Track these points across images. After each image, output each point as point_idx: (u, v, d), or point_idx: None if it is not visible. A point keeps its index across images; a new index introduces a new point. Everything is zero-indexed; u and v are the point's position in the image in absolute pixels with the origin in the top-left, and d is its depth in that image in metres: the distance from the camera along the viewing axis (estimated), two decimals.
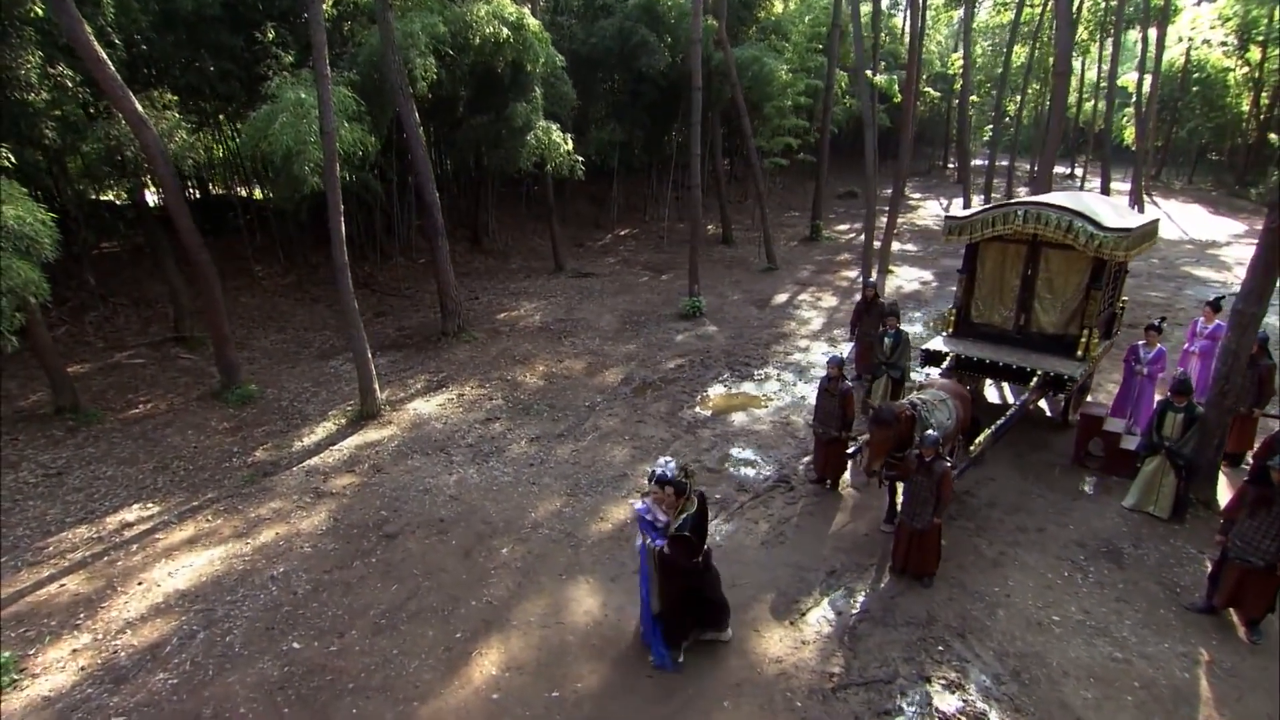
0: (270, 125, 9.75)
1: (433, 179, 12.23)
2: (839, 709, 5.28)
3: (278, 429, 9.82)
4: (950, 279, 18.33)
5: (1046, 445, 9.09)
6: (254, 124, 10.23)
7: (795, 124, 20.24)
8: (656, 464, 5.53)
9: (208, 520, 7.72)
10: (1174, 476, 7.35)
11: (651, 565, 5.52)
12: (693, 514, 5.40)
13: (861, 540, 7.36)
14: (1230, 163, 35.85)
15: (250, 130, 10.17)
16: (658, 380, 11.81)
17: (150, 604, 6.41)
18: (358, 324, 9.65)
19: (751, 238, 23.36)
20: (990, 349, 9.20)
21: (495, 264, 19.10)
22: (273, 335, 13.43)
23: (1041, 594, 6.47)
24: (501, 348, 12.97)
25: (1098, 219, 8.14)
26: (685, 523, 5.35)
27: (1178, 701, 5.38)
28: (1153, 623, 6.14)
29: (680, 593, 5.59)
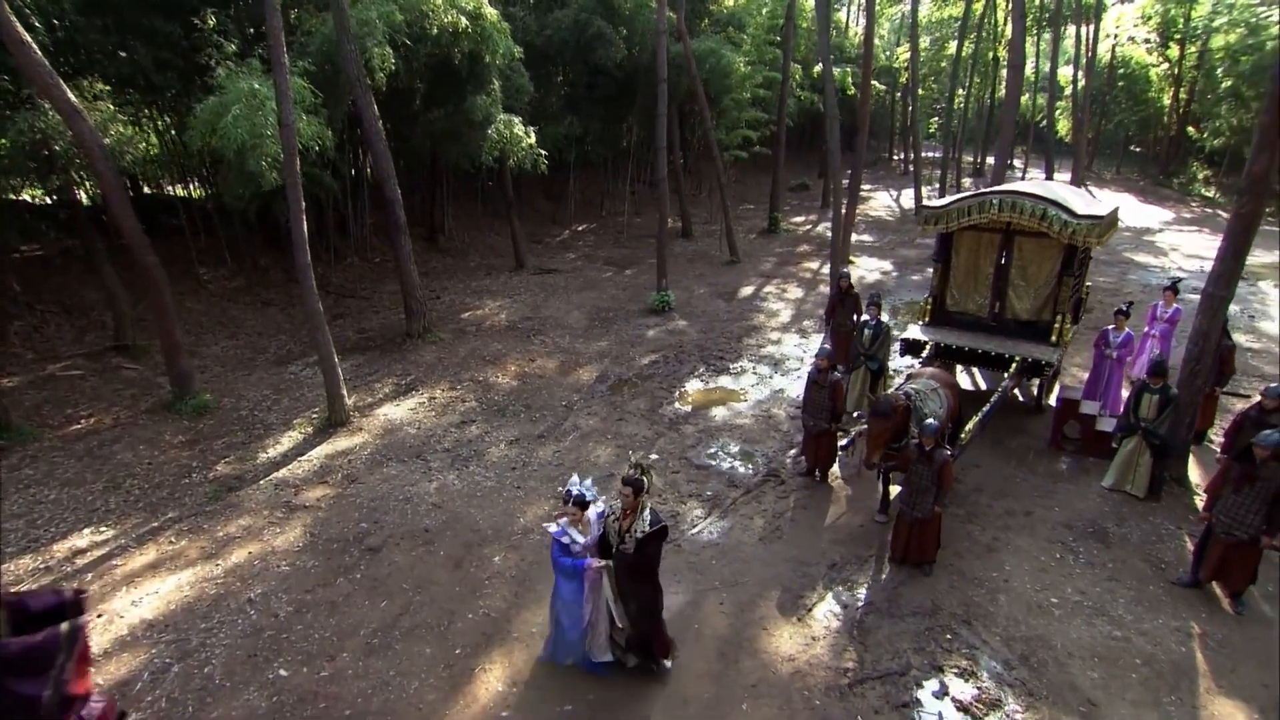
0: (221, 118, 9.14)
1: (394, 175, 11.72)
2: (858, 705, 5.22)
3: (239, 441, 9.24)
4: (909, 269, 18.77)
5: (1023, 430, 9.29)
6: (202, 117, 9.57)
7: (754, 116, 20.29)
8: (570, 484, 5.20)
9: (171, 542, 7.18)
10: (1150, 456, 7.58)
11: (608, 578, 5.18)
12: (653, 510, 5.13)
13: (858, 531, 7.35)
14: (1153, 154, 37.71)
15: (198, 124, 9.51)
16: (633, 377, 11.63)
17: (114, 637, 5.90)
18: (323, 327, 9.16)
19: (710, 231, 23.36)
20: (967, 336, 9.34)
21: (454, 262, 18.56)
22: (224, 342, 12.69)
23: (1037, 577, 6.57)
24: (470, 348, 12.57)
25: (1070, 207, 8.34)
26: (653, 518, 5.07)
27: (1178, 676, 5.52)
28: (1145, 600, 6.30)
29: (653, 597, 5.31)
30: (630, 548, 5.06)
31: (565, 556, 5.19)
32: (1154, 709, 5.22)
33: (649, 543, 5.07)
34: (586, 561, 5.11)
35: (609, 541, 5.21)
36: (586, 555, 5.18)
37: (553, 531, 5.30)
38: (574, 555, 5.18)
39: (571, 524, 5.22)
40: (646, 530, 5.04)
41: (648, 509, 5.11)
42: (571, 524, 5.22)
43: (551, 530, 5.32)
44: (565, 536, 5.22)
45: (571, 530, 5.21)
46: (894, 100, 41.65)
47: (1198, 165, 33.05)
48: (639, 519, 5.06)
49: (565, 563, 5.18)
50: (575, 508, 5.17)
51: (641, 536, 5.04)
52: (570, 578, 5.20)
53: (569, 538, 5.20)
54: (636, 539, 5.04)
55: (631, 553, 5.07)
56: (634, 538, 5.05)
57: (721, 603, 6.31)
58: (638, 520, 5.06)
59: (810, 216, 27.27)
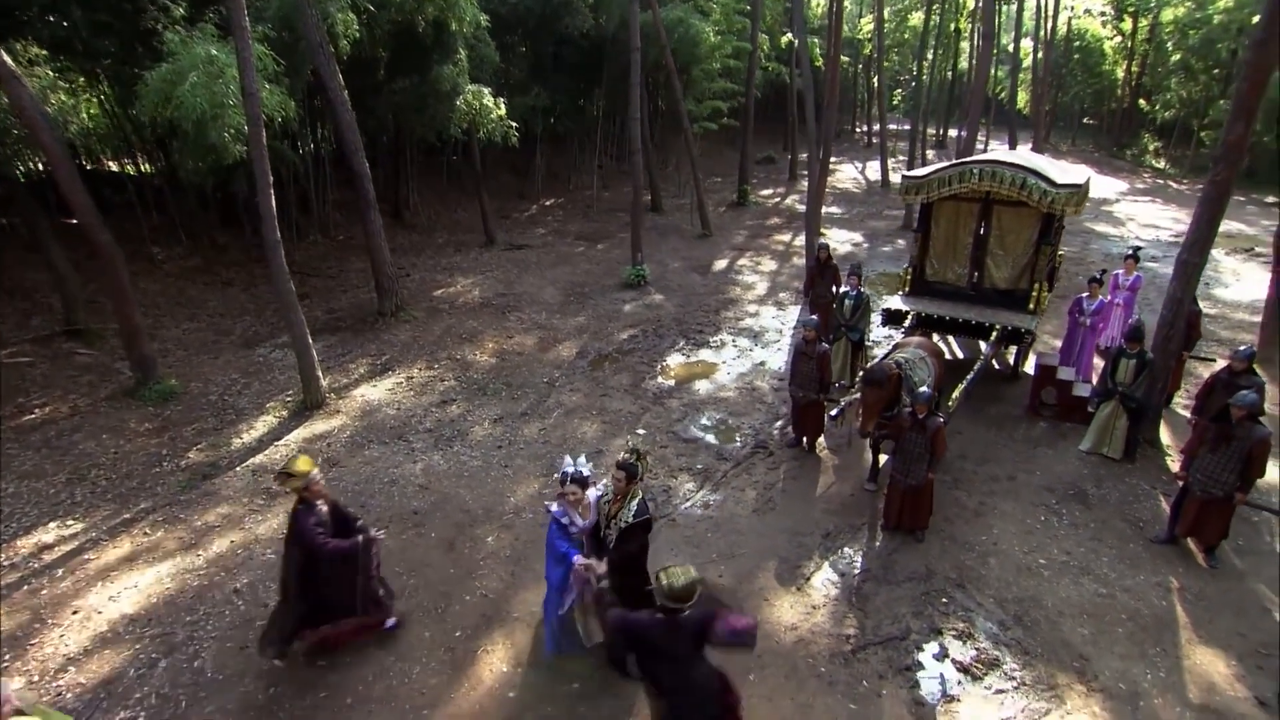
0: (176, 87, 8.60)
1: (361, 148, 11.26)
2: (862, 670, 5.30)
3: (210, 426, 8.89)
4: (879, 240, 18.94)
5: (1000, 397, 9.47)
6: (154, 86, 8.98)
7: (724, 87, 20.07)
8: (564, 464, 5.09)
9: (145, 534, 6.88)
10: (1126, 419, 7.81)
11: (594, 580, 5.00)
12: (641, 500, 4.97)
13: (849, 500, 7.43)
14: (1106, 126, 38.65)
15: (150, 93, 8.92)
16: (613, 352, 11.52)
17: (93, 634, 5.64)
18: (295, 306, 8.81)
19: (679, 205, 23.21)
20: (947, 306, 9.46)
21: (420, 239, 18.06)
22: (184, 324, 12.14)
23: (1025, 539, 6.74)
24: (445, 326, 12.28)
25: (1049, 176, 8.44)
26: (639, 509, 4.91)
27: (1160, 628, 5.73)
28: (1126, 557, 6.51)
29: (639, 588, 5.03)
30: (613, 535, 4.94)
31: (561, 539, 5.10)
32: (1141, 660, 5.41)
33: (630, 537, 4.89)
34: (576, 557, 4.97)
35: (598, 524, 5.12)
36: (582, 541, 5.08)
37: (554, 511, 5.20)
38: (571, 537, 5.10)
39: (572, 505, 5.13)
40: (630, 521, 4.88)
41: (637, 498, 4.95)
42: (572, 505, 5.13)
43: (553, 509, 5.22)
44: (565, 517, 5.13)
45: (572, 512, 5.13)
46: (857, 72, 41.71)
47: (1149, 137, 33.99)
48: (626, 507, 4.92)
49: (560, 546, 5.07)
50: (575, 487, 5.07)
51: (625, 526, 4.88)
52: (559, 563, 5.10)
53: (568, 518, 5.12)
54: (620, 528, 4.90)
55: (612, 549, 4.92)
56: (618, 525, 4.91)
57: (720, 575, 6.32)
58: (625, 508, 4.92)
59: (778, 189, 27.28)
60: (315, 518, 5.02)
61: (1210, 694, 5.16)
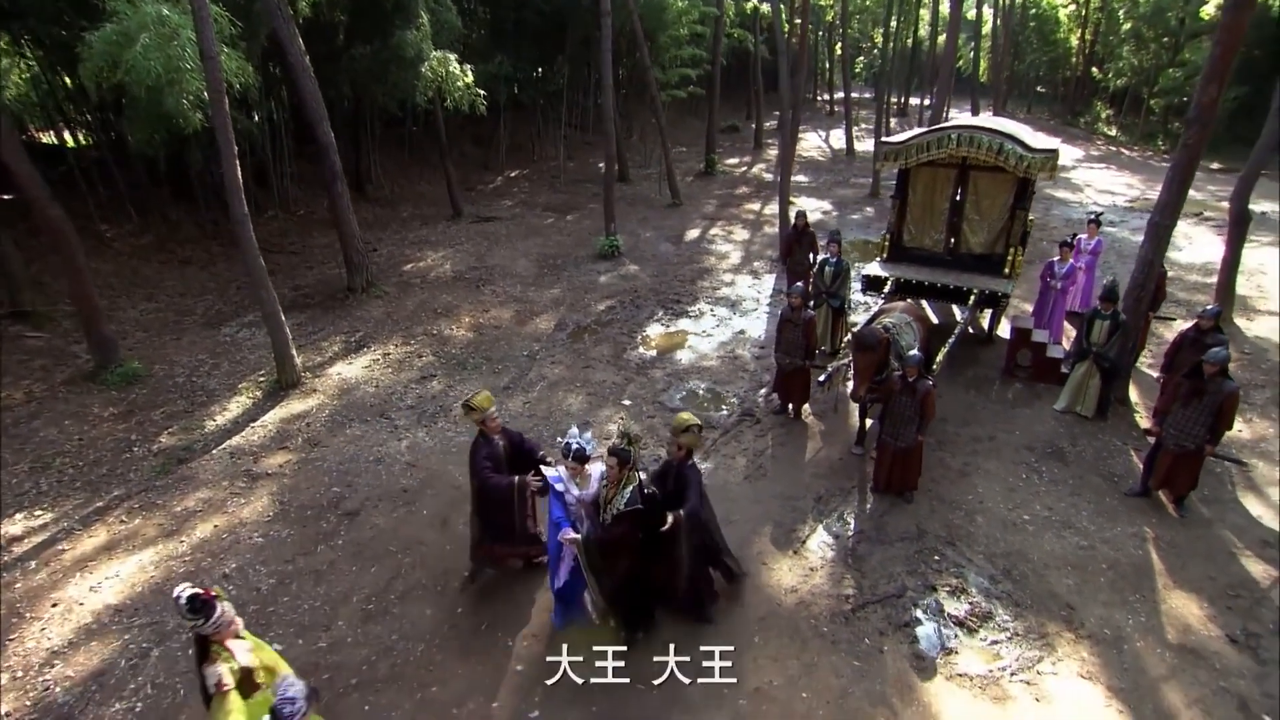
0: (125, 50, 8.07)
1: (326, 117, 10.80)
2: (863, 628, 5.43)
3: (180, 409, 8.56)
4: (848, 208, 19.07)
5: (977, 360, 9.68)
6: (98, 49, 8.41)
7: (692, 54, 19.79)
8: (569, 436, 5.05)
9: (122, 521, 6.63)
10: (1099, 379, 8.06)
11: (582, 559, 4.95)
12: (636, 487, 4.89)
13: (837, 464, 7.54)
14: (1060, 94, 39.37)
15: (95, 56, 8.35)
16: (592, 324, 11.42)
17: (76, 626, 5.44)
18: (266, 283, 8.47)
19: (646, 175, 22.99)
20: (925, 271, 9.58)
21: (385, 213, 17.54)
22: (141, 304, 11.61)
23: (1009, 496, 6.95)
24: (418, 301, 12.00)
25: (1025, 141, 8.55)
26: (631, 498, 4.82)
27: (1139, 576, 5.99)
28: (1104, 511, 6.77)
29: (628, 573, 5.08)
30: (608, 519, 4.89)
31: (557, 507, 5.07)
32: (1123, 607, 5.66)
33: (621, 522, 4.85)
34: (565, 528, 4.91)
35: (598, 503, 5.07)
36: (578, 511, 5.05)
37: (550, 478, 5.16)
38: (568, 506, 5.06)
39: (571, 477, 5.08)
40: (621, 509, 4.82)
41: (631, 485, 4.86)
42: (571, 477, 5.08)
43: (549, 475, 5.18)
44: (561, 484, 5.09)
45: (569, 481, 5.09)
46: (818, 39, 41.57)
47: (1101, 105, 34.76)
48: (620, 494, 4.85)
49: (555, 514, 5.05)
50: (575, 463, 5.02)
51: (616, 515, 4.84)
52: (555, 531, 5.07)
53: (565, 486, 5.08)
54: (613, 514, 4.86)
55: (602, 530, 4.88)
56: (612, 511, 4.87)
57: None
58: (619, 495, 4.86)
59: (745, 158, 27.20)
60: (487, 450, 5.38)
61: (1187, 634, 5.43)
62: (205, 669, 3.47)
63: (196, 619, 3.48)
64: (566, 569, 5.11)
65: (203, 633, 3.52)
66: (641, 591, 5.23)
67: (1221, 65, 6.94)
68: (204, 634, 3.52)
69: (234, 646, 3.61)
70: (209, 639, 3.54)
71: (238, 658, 3.58)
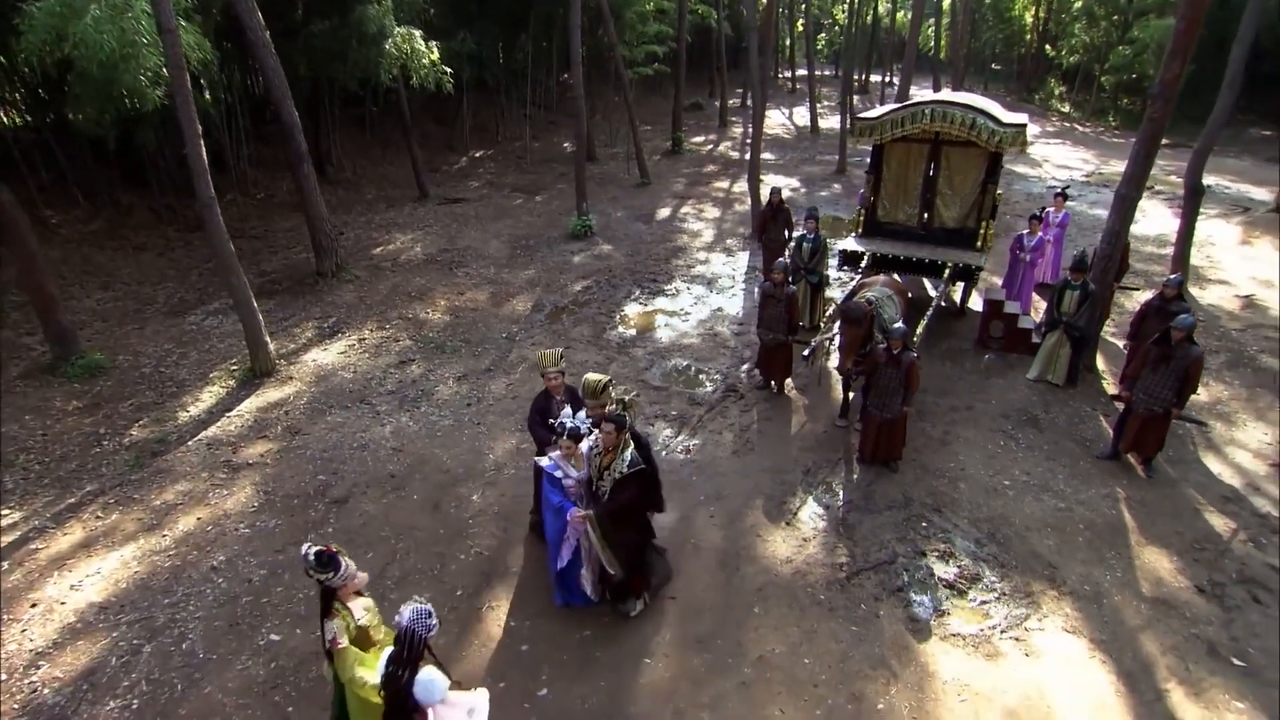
0: (73, 22, 7.64)
1: (289, 96, 10.41)
2: (858, 594, 5.57)
3: (149, 401, 8.27)
4: (815, 185, 19.24)
5: (950, 332, 9.91)
6: (41, 21, 7.93)
7: (659, 30, 19.58)
8: (561, 416, 5.11)
9: (98, 517, 6.40)
10: (1069, 347, 8.34)
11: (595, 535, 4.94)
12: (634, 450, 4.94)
13: (822, 437, 7.68)
14: (1015, 71, 40.09)
15: (38, 28, 7.88)
16: (569, 304, 11.35)
17: (60, 626, 5.26)
18: (237, 269, 8.20)
19: (612, 154, 22.81)
20: (900, 245, 9.73)
21: (348, 195, 17.07)
22: (96, 294, 11.13)
23: (989, 463, 7.17)
24: (391, 284, 11.75)
25: (997, 115, 8.71)
26: (633, 459, 4.89)
27: (1114, 534, 6.26)
28: (1078, 474, 7.03)
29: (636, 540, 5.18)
30: (607, 485, 4.92)
31: (555, 492, 5.07)
32: (1100, 564, 5.91)
33: (626, 486, 4.88)
34: (571, 509, 4.95)
35: (590, 477, 5.10)
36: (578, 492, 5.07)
37: (545, 466, 5.15)
38: (565, 490, 5.07)
39: (565, 458, 5.08)
40: (625, 471, 4.85)
41: (630, 448, 4.92)
42: (565, 458, 5.08)
43: (544, 464, 5.17)
44: (558, 471, 5.09)
45: (565, 464, 5.08)
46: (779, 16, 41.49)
47: (1055, 82, 35.52)
48: (619, 457, 4.89)
49: (554, 499, 5.05)
50: (570, 441, 5.02)
51: (619, 477, 4.86)
52: (555, 515, 5.09)
53: (562, 472, 5.08)
54: (614, 479, 4.89)
55: (607, 500, 4.91)
56: (612, 476, 4.90)
57: (712, 515, 6.46)
58: (618, 459, 4.89)
59: (710, 136, 27.13)
60: (541, 404, 5.61)
61: (1159, 587, 5.70)
62: (325, 623, 3.67)
63: (325, 572, 3.62)
64: (569, 549, 5.12)
65: (332, 585, 3.66)
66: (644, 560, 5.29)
67: (1184, 42, 7.15)
68: (333, 587, 3.67)
69: (353, 605, 3.77)
70: (334, 594, 3.69)
71: (355, 616, 3.74)
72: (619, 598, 5.31)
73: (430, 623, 3.41)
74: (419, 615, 3.40)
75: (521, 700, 4.67)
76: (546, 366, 5.57)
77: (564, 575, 5.27)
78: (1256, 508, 6.62)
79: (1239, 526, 6.38)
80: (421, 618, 3.40)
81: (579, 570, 5.26)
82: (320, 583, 3.66)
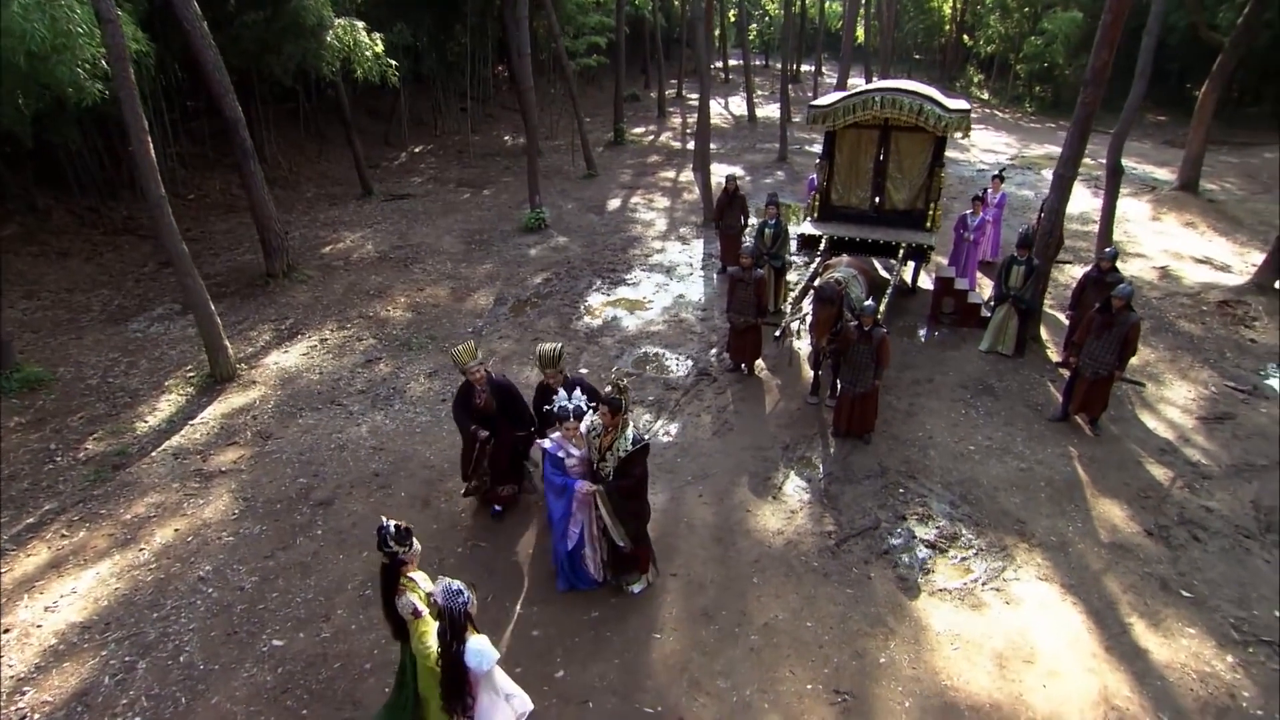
0: None
1: (231, 89, 9.96)
2: (849, 559, 5.85)
3: (101, 413, 7.85)
4: (759, 173, 19.61)
5: (905, 310, 10.37)
6: None
7: (599, 21, 19.55)
8: (559, 400, 5.21)
9: (63, 536, 6.07)
10: (1017, 319, 8.88)
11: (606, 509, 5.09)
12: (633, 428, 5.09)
13: (797, 415, 7.96)
14: (937, 60, 41.78)
15: None
16: (531, 297, 11.32)
17: (40, 650, 4.99)
18: (193, 271, 7.84)
19: (555, 146, 22.64)
20: (854, 228, 10.12)
21: (287, 194, 16.42)
22: (21, 304, 10.41)
23: (953, 430, 7.59)
24: (347, 283, 11.44)
25: (942, 101, 9.15)
26: (636, 437, 5.04)
27: (1071, 488, 6.76)
28: (1035, 437, 7.53)
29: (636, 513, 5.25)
30: (611, 466, 5.03)
31: (557, 473, 5.15)
32: (1062, 517, 6.38)
33: (633, 463, 5.02)
34: (576, 484, 5.07)
35: (590, 459, 5.20)
36: (582, 471, 5.16)
37: (547, 448, 5.22)
38: (568, 470, 5.15)
39: (567, 438, 5.16)
40: (630, 449, 4.98)
41: (629, 427, 5.06)
42: (567, 438, 5.16)
43: (546, 446, 5.24)
44: (560, 451, 5.16)
45: (567, 444, 5.16)
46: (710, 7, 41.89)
47: (974, 70, 37.21)
48: (620, 438, 5.01)
49: (556, 480, 5.14)
50: (574, 420, 5.10)
51: (625, 456, 4.99)
52: (559, 495, 5.18)
53: (564, 452, 5.15)
54: (619, 458, 5.01)
55: (615, 477, 5.03)
56: (615, 456, 5.01)
57: (700, 495, 6.63)
58: (619, 439, 5.01)
59: (650, 127, 27.25)
60: (464, 398, 5.94)
61: (1115, 533, 6.20)
62: (399, 600, 3.77)
63: (403, 546, 3.79)
64: (578, 527, 5.20)
65: (403, 559, 3.81)
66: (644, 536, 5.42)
67: (1111, 33, 7.70)
68: (403, 560, 3.81)
69: (417, 576, 3.90)
70: (400, 571, 3.82)
71: (422, 586, 3.86)
72: (624, 573, 5.41)
73: (463, 597, 3.51)
74: (449, 592, 3.51)
75: (540, 684, 4.72)
76: (466, 361, 5.78)
77: (570, 558, 5.35)
78: (1189, 457, 7.26)
79: (1176, 475, 6.99)
80: (451, 594, 3.51)
81: (582, 551, 5.35)
82: (391, 558, 3.77)
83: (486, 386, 5.92)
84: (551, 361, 5.76)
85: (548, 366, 5.77)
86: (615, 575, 5.43)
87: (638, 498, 5.21)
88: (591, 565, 5.41)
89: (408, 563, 3.86)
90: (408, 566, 3.88)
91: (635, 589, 5.45)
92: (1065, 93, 28.71)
